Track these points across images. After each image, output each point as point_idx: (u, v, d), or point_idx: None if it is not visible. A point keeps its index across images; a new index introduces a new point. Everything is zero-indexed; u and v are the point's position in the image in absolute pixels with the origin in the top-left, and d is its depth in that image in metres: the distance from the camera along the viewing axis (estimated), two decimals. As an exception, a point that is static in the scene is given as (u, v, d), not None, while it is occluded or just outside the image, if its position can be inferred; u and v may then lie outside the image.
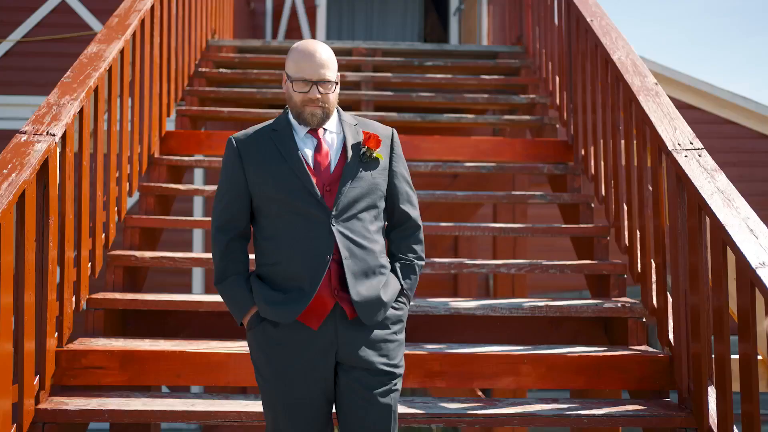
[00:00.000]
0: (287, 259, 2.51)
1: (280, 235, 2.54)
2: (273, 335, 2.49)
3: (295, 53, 2.56)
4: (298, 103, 2.54)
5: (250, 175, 2.56)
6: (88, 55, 3.88)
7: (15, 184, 2.89)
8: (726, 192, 3.05)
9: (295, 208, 2.51)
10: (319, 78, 2.51)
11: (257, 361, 2.56)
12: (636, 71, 3.98)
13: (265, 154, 2.57)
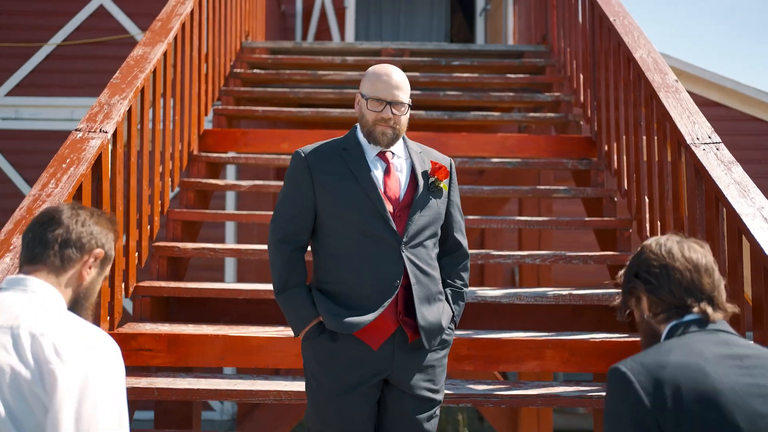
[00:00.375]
0: (354, 280, 2.59)
1: (346, 254, 2.61)
2: (332, 348, 2.58)
3: (371, 74, 2.68)
4: (370, 122, 2.65)
5: (320, 191, 2.63)
6: (134, 58, 4.11)
7: (74, 177, 3.12)
8: (742, 183, 3.19)
9: (366, 231, 2.59)
10: (393, 99, 2.62)
11: (314, 371, 2.62)
12: (657, 68, 4.13)
13: (336, 172, 2.64)
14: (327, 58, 6.42)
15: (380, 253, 2.59)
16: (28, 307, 1.77)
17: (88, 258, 1.92)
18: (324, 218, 2.65)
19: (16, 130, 9.12)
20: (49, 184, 3.05)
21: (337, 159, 2.67)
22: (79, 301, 1.92)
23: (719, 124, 9.32)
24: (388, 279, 2.58)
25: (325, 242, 2.66)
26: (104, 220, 1.99)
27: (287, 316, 2.67)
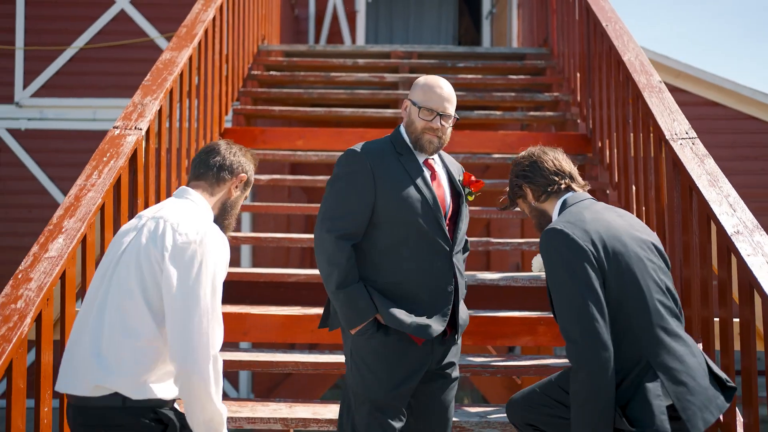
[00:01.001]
0: (409, 281, 2.76)
1: (402, 255, 2.76)
2: (386, 342, 2.76)
3: (424, 85, 2.86)
4: (419, 129, 2.83)
5: (382, 193, 2.76)
6: (163, 61, 4.49)
7: (114, 169, 3.50)
8: (712, 174, 3.54)
9: (424, 236, 2.76)
10: (444, 110, 2.83)
11: (370, 364, 2.76)
12: (643, 70, 4.48)
13: (396, 176, 2.78)
14: (339, 61, 6.79)
15: (436, 259, 2.79)
16: (177, 207, 2.48)
17: (235, 180, 2.61)
18: (381, 219, 2.77)
19: (41, 129, 9.50)
20: (93, 175, 3.43)
21: (394, 162, 2.82)
22: (226, 210, 2.62)
23: (718, 123, 9.72)
24: (442, 286, 2.80)
25: (378, 241, 2.78)
26: (249, 155, 2.71)
27: (345, 309, 2.74)
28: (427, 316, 2.77)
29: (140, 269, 2.34)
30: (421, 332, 2.75)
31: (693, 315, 3.56)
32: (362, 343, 2.78)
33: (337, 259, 2.72)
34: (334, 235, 2.75)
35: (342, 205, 2.78)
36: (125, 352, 2.30)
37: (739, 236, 3.14)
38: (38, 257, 2.93)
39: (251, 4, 6.36)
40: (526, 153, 2.88)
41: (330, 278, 2.74)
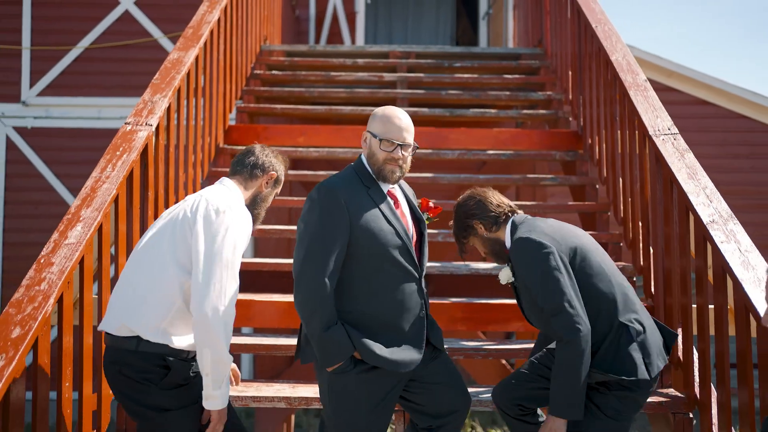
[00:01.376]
0: (385, 309, 2.83)
1: (377, 285, 2.83)
2: (364, 376, 2.81)
3: (383, 116, 2.94)
4: (380, 160, 2.90)
5: (356, 227, 2.80)
6: (171, 61, 4.69)
7: (126, 163, 3.70)
8: (692, 167, 3.75)
9: (394, 263, 2.84)
10: (403, 140, 2.90)
11: (349, 396, 2.81)
12: (629, 69, 4.68)
13: (368, 210, 2.85)
14: (339, 60, 6.99)
15: (407, 286, 2.88)
16: (214, 189, 2.95)
17: (266, 177, 3.06)
18: (356, 251, 2.82)
19: (47, 128, 9.69)
20: (107, 168, 3.63)
21: (364, 195, 2.88)
22: (257, 203, 3.06)
23: (709, 121, 9.94)
24: (415, 311, 2.89)
25: (354, 273, 2.83)
26: (281, 157, 3.16)
27: (327, 350, 2.77)
28: (404, 345, 2.86)
29: (174, 232, 2.80)
30: (402, 367, 2.85)
31: (673, 303, 3.78)
32: (341, 380, 2.83)
33: (321, 300, 2.75)
34: (323, 277, 2.76)
35: (322, 240, 2.80)
36: (150, 300, 2.76)
37: (714, 225, 3.35)
38: (59, 243, 3.13)
39: (254, 6, 6.57)
40: (468, 196, 3.23)
41: (312, 319, 2.77)
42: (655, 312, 4.03)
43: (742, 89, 9.72)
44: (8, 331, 2.70)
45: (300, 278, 2.79)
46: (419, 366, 2.94)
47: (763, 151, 9.88)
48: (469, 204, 3.19)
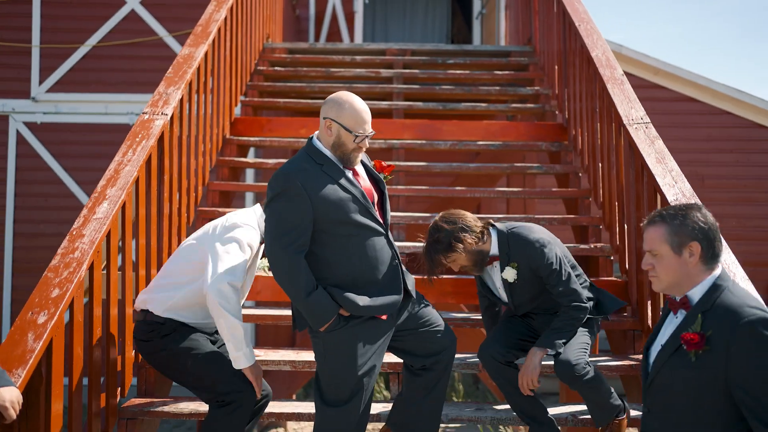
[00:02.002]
0: (361, 267, 3.11)
1: (349, 250, 3.11)
2: (356, 329, 3.12)
3: (351, 109, 3.14)
4: (350, 149, 3.16)
5: (317, 202, 3.07)
6: (183, 56, 5.04)
7: (145, 148, 4.06)
8: (660, 153, 4.12)
9: (359, 226, 3.12)
10: (369, 132, 3.19)
11: (340, 354, 3.10)
12: (608, 65, 5.05)
13: (324, 184, 3.10)
14: (338, 57, 7.35)
15: (376, 242, 3.16)
16: (239, 212, 3.57)
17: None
18: (323, 224, 3.10)
19: (56, 123, 10.02)
20: (128, 153, 3.99)
21: (321, 176, 3.13)
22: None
23: (694, 117, 10.33)
24: (388, 262, 3.18)
25: (325, 244, 3.12)
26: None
27: (313, 314, 3.07)
28: (382, 292, 3.16)
29: (198, 238, 3.51)
30: (386, 309, 3.16)
31: (644, 280, 4.14)
32: (335, 336, 3.12)
33: (296, 272, 3.04)
34: (291, 252, 3.04)
35: (286, 222, 3.06)
36: (164, 285, 3.46)
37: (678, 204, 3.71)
38: (88, 218, 3.49)
39: (257, 5, 6.92)
40: (447, 220, 3.48)
41: (293, 290, 3.06)
42: (628, 286, 4.41)
43: (727, 86, 10.09)
44: (48, 292, 3.06)
45: (273, 259, 3.10)
46: (403, 315, 3.29)
47: (746, 146, 10.25)
48: (455, 226, 3.43)
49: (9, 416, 2.52)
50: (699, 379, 2.33)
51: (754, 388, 2.25)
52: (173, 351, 3.42)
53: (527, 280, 3.52)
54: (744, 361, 2.26)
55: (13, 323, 2.93)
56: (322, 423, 3.22)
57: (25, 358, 2.77)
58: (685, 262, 2.43)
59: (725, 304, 2.35)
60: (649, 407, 2.49)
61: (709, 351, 2.31)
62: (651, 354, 2.53)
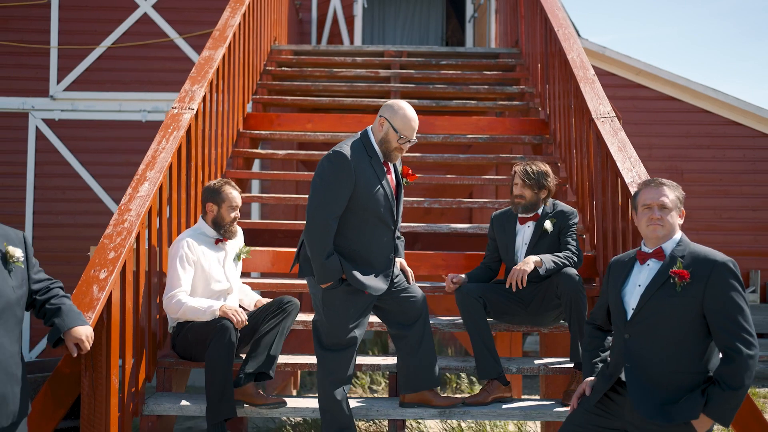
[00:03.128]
0: (366, 249, 3.82)
1: (364, 231, 3.81)
2: (347, 292, 3.82)
3: (404, 116, 3.84)
4: (392, 147, 3.86)
5: (359, 186, 3.76)
6: (204, 58, 5.66)
7: (176, 139, 4.68)
8: (622, 142, 4.75)
9: (379, 218, 3.84)
10: (413, 139, 3.90)
11: (336, 306, 3.80)
12: (582, 66, 5.68)
13: (368, 174, 3.79)
14: (340, 58, 7.98)
15: (384, 234, 3.89)
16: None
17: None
18: (354, 205, 3.76)
19: (73, 120, 10.60)
20: (162, 141, 4.61)
21: (367, 164, 3.82)
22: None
23: (674, 115, 11.00)
24: (386, 254, 3.92)
25: (349, 221, 3.79)
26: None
27: (324, 272, 3.73)
28: (375, 275, 3.87)
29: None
30: (372, 290, 3.87)
31: (608, 253, 4.77)
32: (332, 293, 3.84)
33: (327, 235, 3.74)
34: (328, 217, 3.72)
35: (332, 192, 3.74)
36: None
37: (633, 185, 4.35)
38: (133, 196, 4.12)
39: (266, 10, 7.55)
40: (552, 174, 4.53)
41: (318, 248, 3.74)
42: (595, 261, 5.04)
43: (704, 86, 10.75)
44: (106, 254, 3.69)
45: (312, 218, 3.77)
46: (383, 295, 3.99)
47: (722, 143, 10.91)
48: (552, 177, 4.49)
49: (84, 348, 3.15)
50: (682, 305, 3.07)
51: (729, 309, 3.02)
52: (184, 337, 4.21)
53: (549, 237, 4.38)
54: (721, 290, 3.04)
55: (81, 278, 3.55)
56: (323, 366, 3.89)
57: (93, 304, 3.40)
58: (678, 219, 3.25)
59: (698, 252, 3.16)
60: (630, 334, 3.17)
61: (691, 283, 3.08)
62: (626, 295, 3.25)
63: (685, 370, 3.07)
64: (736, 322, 3.01)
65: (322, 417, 3.90)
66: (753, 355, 2.98)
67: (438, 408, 4.08)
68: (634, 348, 3.15)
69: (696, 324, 3.07)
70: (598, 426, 3.27)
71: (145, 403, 4.08)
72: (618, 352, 3.22)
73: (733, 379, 2.96)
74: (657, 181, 3.31)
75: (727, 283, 3.05)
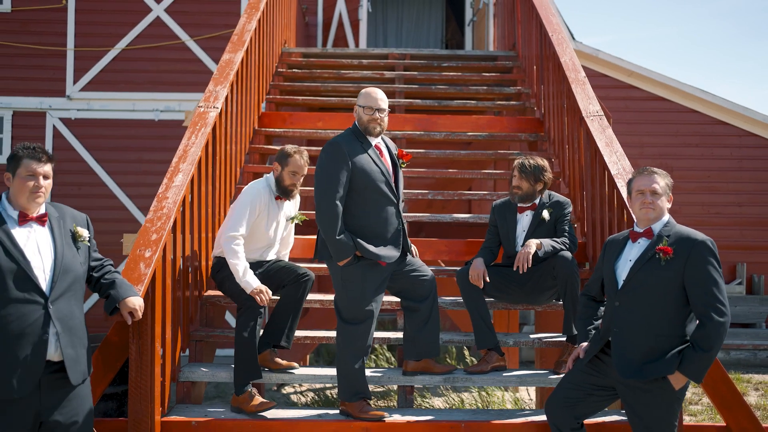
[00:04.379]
0: (374, 223, 4.26)
1: (368, 207, 4.26)
2: (365, 266, 4.27)
3: (365, 94, 4.41)
4: (365, 121, 4.37)
5: (356, 168, 4.24)
6: (225, 61, 6.12)
7: (204, 135, 5.15)
8: (609, 139, 5.23)
9: (380, 193, 4.30)
10: (378, 106, 4.38)
11: (356, 280, 4.23)
12: (574, 68, 6.16)
13: (362, 157, 4.28)
14: (347, 61, 8.45)
15: (389, 208, 4.39)
16: (252, 182, 4.79)
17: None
18: (355, 185, 4.24)
19: (88, 119, 11.07)
20: (192, 137, 5.07)
21: (359, 147, 4.32)
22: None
23: (664, 115, 11.50)
24: (394, 225, 4.41)
25: (354, 199, 4.26)
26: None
27: (338, 249, 4.19)
28: (386, 246, 4.32)
29: None
30: (386, 259, 4.33)
31: (598, 243, 5.25)
32: (349, 270, 4.28)
33: (335, 216, 4.20)
34: (334, 198, 4.19)
35: (332, 177, 4.21)
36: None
37: (618, 176, 4.83)
38: (169, 186, 4.59)
39: (277, 15, 8.02)
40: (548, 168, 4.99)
41: (329, 229, 4.20)
42: (586, 246, 5.52)
43: (693, 87, 11.24)
44: (149, 236, 4.17)
45: (319, 204, 4.26)
46: (400, 264, 4.45)
47: (710, 141, 11.40)
48: (548, 171, 4.93)
49: (137, 316, 3.61)
50: (666, 277, 3.55)
51: (705, 281, 3.50)
52: (225, 277, 4.60)
53: (547, 225, 4.83)
54: (699, 265, 3.52)
55: (128, 257, 4.01)
56: (344, 337, 4.34)
57: (141, 278, 3.88)
58: (666, 203, 3.73)
59: (682, 232, 3.65)
60: (620, 302, 3.65)
61: (674, 258, 3.57)
62: (618, 268, 3.74)
63: (665, 334, 3.55)
64: (711, 293, 3.48)
65: (340, 383, 4.37)
66: (724, 322, 3.45)
67: (439, 375, 4.55)
68: (623, 314, 3.62)
69: (677, 294, 3.55)
70: (590, 384, 3.75)
71: (181, 370, 4.55)
72: (608, 318, 3.70)
73: (706, 342, 3.44)
74: (649, 170, 3.79)
75: (705, 259, 3.52)
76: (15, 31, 11.05)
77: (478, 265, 4.71)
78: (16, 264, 3.24)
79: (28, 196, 3.35)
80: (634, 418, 3.59)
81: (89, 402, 3.45)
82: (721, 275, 3.55)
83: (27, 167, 3.35)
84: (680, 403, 3.56)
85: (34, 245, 3.33)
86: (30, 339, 3.23)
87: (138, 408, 3.96)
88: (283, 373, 4.58)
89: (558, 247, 4.68)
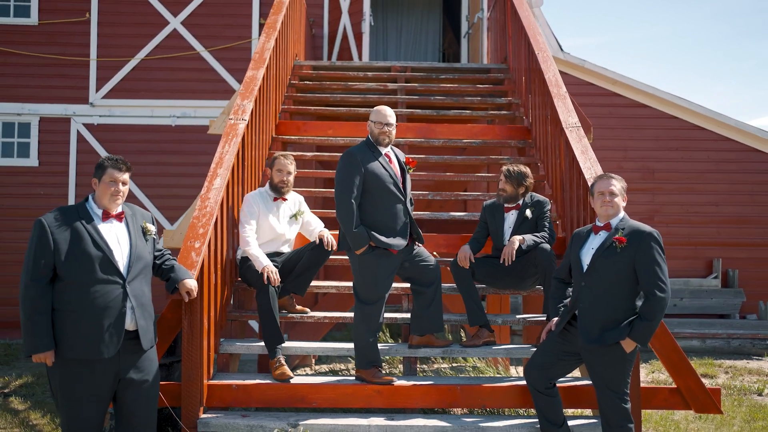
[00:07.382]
0: (385, 217, 5.09)
1: (379, 205, 5.08)
2: (378, 254, 5.08)
3: (377, 111, 5.25)
4: (376, 133, 5.23)
5: (368, 173, 5.07)
6: (249, 77, 6.94)
7: (236, 144, 5.97)
8: (585, 147, 6.05)
9: (390, 193, 5.14)
10: (387, 121, 5.24)
11: (371, 267, 5.05)
12: (557, 84, 6.98)
13: (374, 164, 5.11)
14: (353, 73, 9.28)
15: (397, 206, 5.21)
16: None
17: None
18: (367, 186, 5.07)
19: (110, 124, 11.86)
20: (225, 146, 5.89)
21: (371, 156, 5.17)
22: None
23: (645, 121, 12.36)
24: (402, 219, 5.23)
25: (367, 199, 5.08)
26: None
27: (355, 240, 5.00)
28: (395, 237, 5.14)
29: None
30: (395, 246, 5.14)
31: (576, 232, 6.07)
32: (365, 258, 5.10)
33: (352, 213, 5.02)
34: (350, 199, 5.05)
35: (348, 181, 5.04)
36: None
37: (591, 180, 5.65)
38: (209, 188, 5.41)
39: (290, 31, 8.84)
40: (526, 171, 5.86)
41: (348, 224, 5.02)
42: (565, 241, 6.35)
43: (672, 95, 12.08)
44: (197, 230, 4.99)
45: (338, 203, 5.09)
46: (409, 253, 5.28)
47: (688, 145, 12.24)
48: (530, 177, 5.80)
49: (192, 295, 4.45)
50: (621, 261, 4.35)
51: (650, 264, 4.30)
52: (246, 268, 5.51)
53: (529, 222, 5.68)
54: (646, 251, 4.32)
55: (182, 247, 4.84)
56: (360, 315, 5.17)
57: (194, 265, 4.71)
58: (622, 202, 4.54)
59: (633, 225, 4.45)
60: (585, 282, 4.45)
61: (627, 246, 4.37)
62: (583, 255, 4.53)
63: (620, 307, 4.39)
64: (655, 274, 4.31)
65: (356, 354, 5.20)
66: (664, 297, 4.28)
67: (440, 348, 5.39)
68: (587, 293, 4.45)
69: (629, 275, 4.37)
70: (561, 350, 4.58)
71: (221, 344, 5.38)
72: (575, 296, 4.53)
73: (650, 313, 4.28)
74: (607, 175, 4.64)
75: (651, 246, 4.34)
76: (41, 43, 11.85)
77: (465, 249, 5.57)
78: (101, 252, 4.05)
79: (110, 198, 4.17)
80: (595, 377, 4.43)
81: (156, 364, 4.27)
82: (664, 260, 4.36)
83: (110, 175, 4.17)
84: (631, 364, 4.39)
85: (114, 237, 4.14)
86: (113, 312, 4.04)
87: (190, 373, 4.78)
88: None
89: (538, 240, 5.50)
